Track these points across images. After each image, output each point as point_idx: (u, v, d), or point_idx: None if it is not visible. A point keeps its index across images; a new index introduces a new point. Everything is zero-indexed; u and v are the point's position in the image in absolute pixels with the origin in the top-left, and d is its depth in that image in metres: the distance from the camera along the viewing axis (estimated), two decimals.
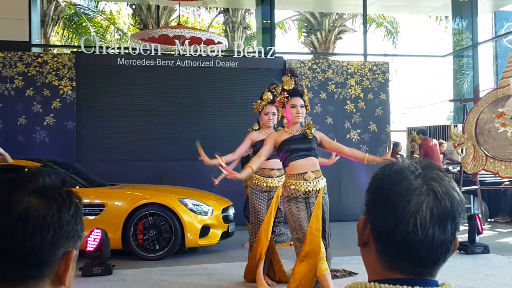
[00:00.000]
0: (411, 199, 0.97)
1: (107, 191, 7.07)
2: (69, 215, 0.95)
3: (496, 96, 7.69)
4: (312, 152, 4.34)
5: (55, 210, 0.93)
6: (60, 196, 0.95)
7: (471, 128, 7.91)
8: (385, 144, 10.62)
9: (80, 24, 18.67)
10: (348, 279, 5.49)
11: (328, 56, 17.21)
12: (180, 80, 9.65)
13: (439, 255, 0.98)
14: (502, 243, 7.86)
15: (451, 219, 0.98)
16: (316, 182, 4.29)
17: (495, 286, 5.14)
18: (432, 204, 0.97)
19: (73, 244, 0.96)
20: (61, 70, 9.21)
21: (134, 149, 9.42)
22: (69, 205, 0.95)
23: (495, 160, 7.68)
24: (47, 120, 9.12)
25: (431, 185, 0.98)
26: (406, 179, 0.99)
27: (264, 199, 5.19)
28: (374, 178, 1.05)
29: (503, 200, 10.06)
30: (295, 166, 4.30)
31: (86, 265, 5.73)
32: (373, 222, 1.02)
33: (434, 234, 0.96)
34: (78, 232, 0.97)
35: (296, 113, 4.35)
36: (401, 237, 0.96)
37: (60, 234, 0.93)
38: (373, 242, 1.02)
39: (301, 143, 4.33)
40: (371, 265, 1.04)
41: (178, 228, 6.62)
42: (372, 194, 1.04)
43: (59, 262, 0.94)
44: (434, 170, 1.02)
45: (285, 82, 4.41)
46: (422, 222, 0.95)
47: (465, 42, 14.16)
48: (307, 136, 4.34)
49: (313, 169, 4.30)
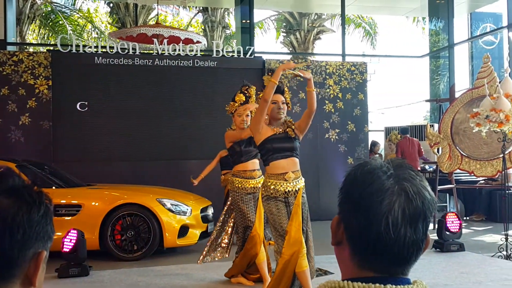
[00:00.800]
0: (383, 200, 0.98)
1: (84, 192, 6.99)
2: (39, 215, 0.94)
3: (471, 97, 7.81)
4: (294, 153, 4.33)
5: (25, 211, 0.92)
6: (30, 196, 0.94)
7: (447, 128, 8.02)
8: (363, 143, 10.73)
9: (57, 22, 18.42)
10: (324, 278, 5.52)
11: (307, 56, 17.28)
12: (158, 79, 9.59)
13: (411, 254, 1.00)
14: (477, 241, 7.99)
15: (422, 218, 0.99)
16: (296, 182, 4.29)
17: (470, 283, 5.21)
18: (404, 204, 0.98)
19: (43, 245, 0.95)
20: (37, 69, 9.08)
21: (111, 149, 9.33)
22: (39, 205, 0.94)
23: (470, 160, 7.80)
24: (23, 120, 8.98)
25: (403, 185, 1.00)
26: (378, 179, 1.00)
27: (251, 201, 5.17)
28: (347, 178, 1.05)
29: (478, 199, 10.22)
30: (276, 166, 4.28)
31: (63, 266, 5.66)
32: (346, 222, 1.03)
33: (406, 234, 0.98)
34: (48, 232, 0.96)
35: (277, 109, 4.35)
36: (374, 236, 0.98)
37: (30, 235, 0.92)
38: (346, 241, 1.03)
39: (284, 143, 4.31)
40: (344, 264, 1.05)
41: (157, 228, 6.59)
42: (345, 194, 1.05)
43: (29, 263, 0.93)
44: (406, 169, 1.03)
45: (265, 81, 4.37)
46: (394, 222, 0.97)
47: (442, 43, 14.35)
48: (289, 135, 4.34)
49: (293, 169, 4.30)
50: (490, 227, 9.33)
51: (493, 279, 5.37)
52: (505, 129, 6.12)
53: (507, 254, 6.36)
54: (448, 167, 7.99)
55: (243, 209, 5.15)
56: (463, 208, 10.35)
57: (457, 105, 8.00)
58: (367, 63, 11.35)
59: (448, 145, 7.97)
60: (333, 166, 10.00)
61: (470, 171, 7.84)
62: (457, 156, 7.89)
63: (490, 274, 5.56)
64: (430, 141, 8.18)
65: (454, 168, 7.97)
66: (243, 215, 5.16)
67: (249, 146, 5.25)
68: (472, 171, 7.82)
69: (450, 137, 7.97)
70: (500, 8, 14.34)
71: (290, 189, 4.26)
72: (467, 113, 7.29)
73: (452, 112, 8.03)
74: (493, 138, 7.15)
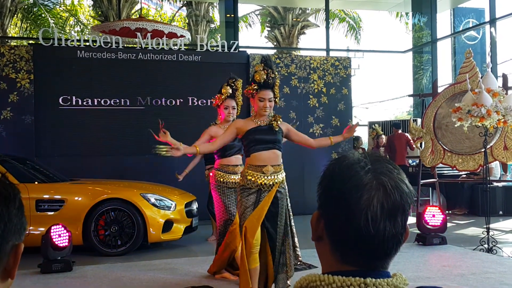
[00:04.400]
0: (362, 195, 0.98)
1: (67, 186, 6.94)
2: (16, 208, 0.94)
3: (454, 91, 7.89)
4: (276, 145, 4.28)
5: (3, 205, 0.92)
6: (5, 189, 0.94)
7: (430, 123, 8.09)
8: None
9: (39, 15, 18.20)
10: (307, 271, 5.55)
11: (291, 51, 17.29)
12: (142, 73, 9.53)
13: (391, 248, 1.01)
14: (459, 235, 8.09)
15: (401, 212, 1.00)
16: (274, 176, 4.23)
17: (452, 276, 5.28)
18: (382, 198, 0.98)
19: (19, 237, 0.95)
20: (18, 63, 8.96)
21: (95, 143, 9.25)
22: (13, 198, 0.94)
23: (452, 154, 7.88)
24: (4, 114, 8.87)
25: (381, 179, 1.00)
26: (356, 175, 1.00)
27: (232, 195, 5.16)
28: (326, 173, 1.06)
29: (460, 193, 10.34)
30: (256, 158, 4.25)
31: (45, 261, 5.62)
32: (326, 218, 1.04)
33: (385, 228, 0.98)
34: (23, 224, 0.96)
35: (263, 107, 4.27)
36: (354, 232, 0.98)
37: (9, 228, 0.92)
38: (326, 236, 1.04)
39: (266, 134, 4.26)
40: (325, 258, 1.05)
41: (141, 223, 6.57)
42: (324, 189, 1.05)
43: (8, 256, 0.93)
44: (384, 163, 1.03)
45: (257, 72, 4.29)
46: (373, 217, 0.97)
47: (425, 38, 14.45)
48: (273, 127, 4.28)
49: (273, 163, 4.25)
50: (472, 221, 9.45)
51: (474, 272, 5.44)
52: (486, 123, 6.19)
53: (489, 248, 6.45)
54: (431, 161, 8.07)
55: (224, 202, 5.15)
56: (445, 202, 10.47)
57: (439, 100, 8.08)
58: (351, 58, 11.40)
59: (430, 140, 8.05)
60: (318, 160, 10.02)
61: (453, 165, 7.93)
62: (440, 150, 7.97)
63: (471, 267, 5.64)
64: (413, 135, 8.25)
65: (437, 162, 8.05)
66: (222, 208, 5.16)
67: (233, 141, 5.25)
68: (454, 165, 7.91)
69: (433, 131, 8.05)
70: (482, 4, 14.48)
71: (265, 183, 4.20)
72: (450, 108, 7.36)
73: (435, 106, 8.10)
74: (475, 133, 7.23)
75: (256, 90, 4.29)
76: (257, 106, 4.31)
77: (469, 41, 14.69)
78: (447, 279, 5.14)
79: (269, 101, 4.29)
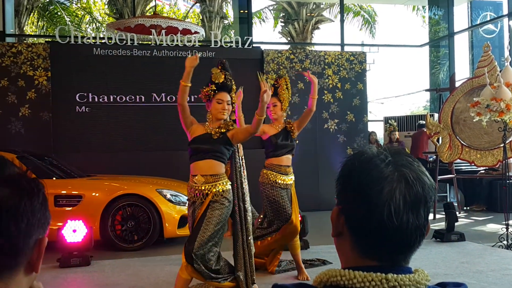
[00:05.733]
0: (383, 187, 0.97)
1: (84, 182, 6.99)
2: (39, 202, 0.94)
3: (472, 86, 7.79)
4: (214, 155, 4.01)
5: (27, 199, 0.92)
6: (29, 184, 0.94)
7: (447, 118, 8.00)
8: (362, 133, 10.71)
9: (55, 13, 18.35)
10: (323, 267, 5.54)
11: (306, 46, 17.21)
12: (156, 70, 9.56)
13: (414, 240, 0.99)
14: (477, 231, 8.00)
15: (423, 203, 0.99)
16: (205, 186, 3.97)
17: (470, 273, 5.23)
18: (405, 190, 0.97)
19: (43, 231, 0.96)
20: (35, 60, 9.06)
21: (111, 139, 9.32)
22: (37, 192, 0.95)
23: (470, 149, 7.79)
24: (22, 111, 8.97)
25: (402, 171, 0.99)
26: (377, 168, 0.99)
27: (285, 196, 5.04)
28: (344, 168, 1.04)
29: (478, 189, 10.23)
30: (193, 167, 4.06)
31: (64, 256, 5.68)
32: (346, 213, 1.02)
33: (409, 220, 0.97)
34: (47, 219, 0.97)
35: (221, 109, 4.07)
36: (376, 225, 0.97)
37: (33, 223, 0.92)
38: (347, 232, 1.02)
39: (203, 143, 4.02)
40: (345, 254, 1.04)
41: (157, 219, 6.61)
42: (344, 185, 1.04)
43: (32, 250, 0.94)
44: (403, 156, 1.03)
45: (214, 75, 4.14)
46: (396, 209, 0.96)
47: (441, 32, 14.29)
48: (212, 136, 4.03)
49: (205, 173, 3.99)
50: (491, 217, 9.34)
51: (493, 268, 5.38)
52: (505, 118, 6.11)
53: (508, 244, 6.37)
54: (448, 157, 7.98)
55: (280, 202, 5.01)
56: (463, 198, 10.36)
57: (457, 94, 7.98)
58: (366, 53, 11.31)
59: (448, 135, 7.96)
60: (332, 156, 9.99)
61: (471, 161, 7.83)
62: (458, 146, 7.88)
63: (490, 264, 5.58)
64: (430, 130, 8.17)
65: (455, 158, 7.96)
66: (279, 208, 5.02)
67: (286, 140, 5.11)
68: (472, 161, 7.81)
69: (450, 126, 7.96)
70: None
71: (197, 193, 4.00)
72: (468, 103, 7.28)
73: (452, 101, 8.01)
74: (494, 128, 7.14)
75: (214, 91, 4.12)
76: (214, 109, 4.10)
77: (487, 34, 14.51)
78: (465, 276, 5.09)
79: (227, 103, 4.11)
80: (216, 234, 3.97)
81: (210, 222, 3.91)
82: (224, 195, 4.02)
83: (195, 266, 3.89)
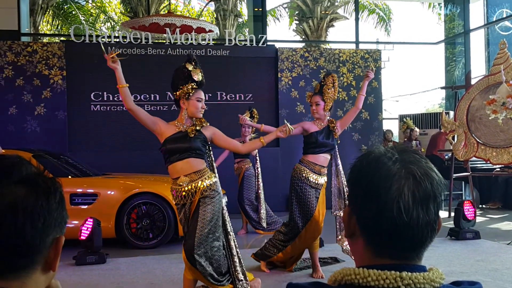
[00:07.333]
0: (391, 185, 0.98)
1: (100, 181, 7.05)
2: (56, 201, 0.95)
3: (488, 83, 7.71)
4: (193, 153, 3.91)
5: (43, 199, 0.93)
6: (45, 183, 0.95)
7: (463, 115, 7.94)
8: (377, 131, 10.66)
9: (70, 12, 18.49)
10: (336, 266, 5.55)
11: (320, 44, 17.17)
12: (171, 68, 9.53)
13: (426, 236, 1.00)
14: (493, 229, 7.93)
15: (433, 199, 1.00)
16: (191, 185, 3.88)
17: (486, 271, 5.19)
18: (413, 186, 0.98)
19: (60, 230, 0.97)
20: (51, 59, 9.14)
21: (126, 138, 9.39)
22: (54, 192, 0.96)
23: (486, 147, 7.72)
24: (38, 110, 9.06)
25: (410, 168, 1.00)
26: (384, 166, 1.00)
27: (313, 195, 5.00)
28: (353, 169, 1.06)
29: (494, 187, 10.13)
30: (171, 170, 3.95)
31: (80, 254, 5.75)
32: (357, 213, 1.03)
33: (419, 216, 0.98)
34: (64, 218, 0.98)
35: (201, 108, 4.00)
36: (387, 223, 0.98)
37: (50, 222, 0.94)
38: (359, 231, 1.03)
39: (179, 143, 3.91)
40: (359, 253, 1.05)
41: (171, 217, 6.64)
42: (353, 185, 1.05)
43: (49, 249, 0.95)
44: (410, 153, 1.04)
45: (193, 71, 4.02)
46: (405, 206, 0.97)
47: (457, 29, 14.16)
48: (188, 134, 3.92)
49: (186, 173, 3.89)
50: (506, 215, 9.25)
51: (509, 266, 5.34)
52: None
53: None
54: (464, 155, 7.91)
55: (307, 200, 4.97)
56: (478, 196, 10.27)
57: (473, 92, 7.91)
58: (381, 50, 11.24)
59: (463, 133, 7.89)
60: (347, 154, 9.94)
61: (486, 158, 7.76)
62: (473, 143, 7.81)
63: (506, 262, 5.54)
64: (446, 128, 8.10)
65: (470, 155, 7.89)
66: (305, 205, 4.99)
67: (327, 139, 5.05)
68: (488, 159, 7.74)
69: (466, 124, 7.89)
70: None
71: (184, 194, 3.89)
72: (483, 100, 7.21)
73: (468, 99, 7.94)
74: (510, 125, 7.07)
75: (194, 89, 4.04)
76: (193, 107, 3.98)
77: (503, 31, 14.33)
78: (481, 274, 5.05)
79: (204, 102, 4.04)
80: (214, 229, 3.92)
81: (205, 219, 3.86)
82: (212, 187, 3.95)
83: (198, 267, 3.84)
